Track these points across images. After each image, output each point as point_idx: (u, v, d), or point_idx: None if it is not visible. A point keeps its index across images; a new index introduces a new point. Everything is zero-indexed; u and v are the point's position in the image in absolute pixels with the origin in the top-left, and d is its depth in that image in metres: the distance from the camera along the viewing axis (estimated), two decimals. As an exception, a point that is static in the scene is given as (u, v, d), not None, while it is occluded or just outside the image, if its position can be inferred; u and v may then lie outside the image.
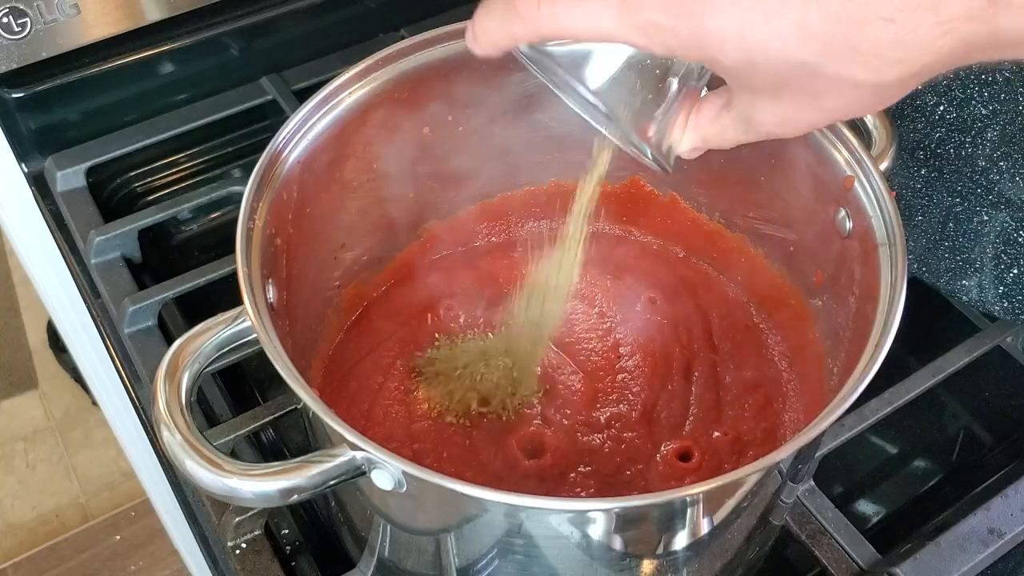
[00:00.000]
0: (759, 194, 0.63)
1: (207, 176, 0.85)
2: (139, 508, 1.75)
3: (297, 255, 0.57)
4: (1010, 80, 0.56)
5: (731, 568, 0.55)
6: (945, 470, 0.69)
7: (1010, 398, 0.71)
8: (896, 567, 0.57)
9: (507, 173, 0.69)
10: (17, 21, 0.73)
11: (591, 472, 0.58)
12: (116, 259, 0.75)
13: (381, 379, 0.62)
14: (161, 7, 0.79)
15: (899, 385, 0.64)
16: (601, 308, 0.67)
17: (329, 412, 0.44)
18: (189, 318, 0.72)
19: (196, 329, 0.49)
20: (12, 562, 1.69)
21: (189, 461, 0.44)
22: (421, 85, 0.61)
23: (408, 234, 0.68)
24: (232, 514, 0.59)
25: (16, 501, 1.78)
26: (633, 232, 0.72)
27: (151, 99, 0.84)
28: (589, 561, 0.48)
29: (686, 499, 0.45)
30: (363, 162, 0.62)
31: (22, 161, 0.81)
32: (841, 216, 0.56)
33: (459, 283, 0.68)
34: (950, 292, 0.66)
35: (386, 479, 0.44)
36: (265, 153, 0.54)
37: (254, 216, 0.52)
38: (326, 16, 0.88)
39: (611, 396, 0.62)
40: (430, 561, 0.51)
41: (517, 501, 0.42)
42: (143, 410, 0.69)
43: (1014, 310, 0.64)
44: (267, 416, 0.63)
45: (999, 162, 0.59)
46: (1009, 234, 0.61)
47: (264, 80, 0.86)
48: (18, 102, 0.78)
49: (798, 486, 0.59)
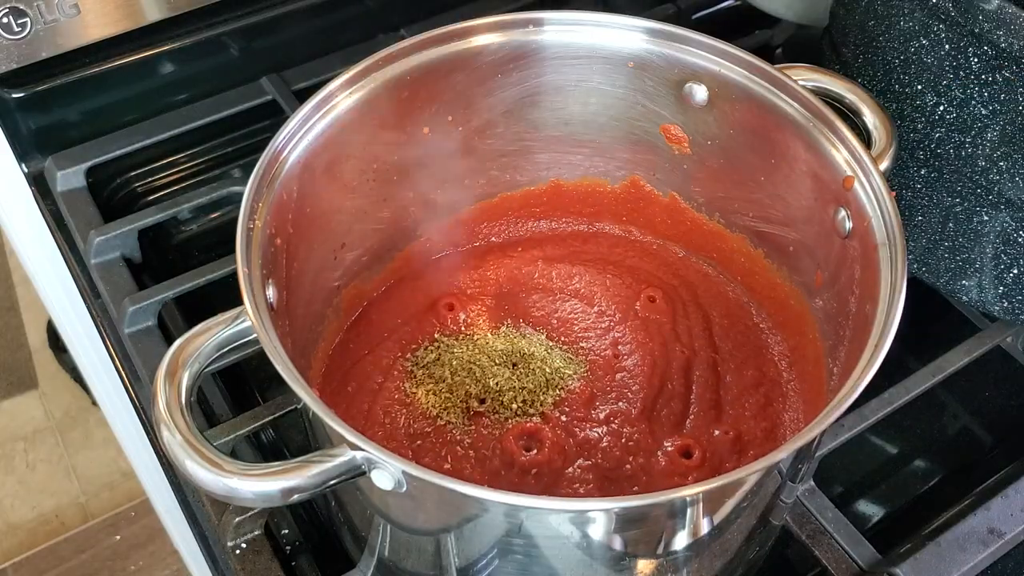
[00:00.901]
0: (759, 194, 0.63)
1: (207, 176, 0.85)
2: (139, 508, 1.75)
3: (297, 255, 0.57)
4: (1010, 80, 0.56)
5: (731, 568, 0.55)
6: (945, 470, 0.69)
7: (1010, 398, 0.71)
8: (896, 567, 0.57)
9: (507, 173, 0.69)
10: (17, 21, 0.73)
11: (590, 467, 0.58)
12: (116, 259, 0.75)
13: (381, 379, 0.62)
14: (161, 7, 0.79)
15: (899, 385, 0.64)
16: (601, 307, 0.67)
17: (329, 412, 0.44)
18: (189, 318, 0.72)
19: (196, 329, 0.49)
20: (12, 562, 1.70)
21: (189, 461, 0.44)
22: (421, 85, 0.61)
23: (408, 234, 0.68)
24: (232, 514, 0.59)
25: (16, 501, 1.78)
26: (633, 232, 0.72)
27: (151, 99, 0.84)
28: (589, 561, 0.48)
29: (686, 499, 0.45)
30: (363, 162, 0.62)
31: (22, 161, 0.81)
32: (841, 216, 0.56)
33: (459, 283, 0.68)
34: (950, 292, 0.66)
35: (386, 479, 0.44)
36: (265, 153, 0.54)
37: (254, 216, 0.52)
38: (326, 16, 0.88)
39: (610, 395, 0.62)
40: (430, 561, 0.51)
41: (517, 501, 0.42)
42: (143, 410, 0.69)
43: (1014, 310, 0.64)
44: (267, 416, 0.63)
45: (999, 162, 0.59)
46: (1009, 234, 0.61)
47: (264, 80, 0.86)
48: (18, 102, 0.78)
49: (798, 486, 0.59)
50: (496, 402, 0.61)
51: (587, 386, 0.62)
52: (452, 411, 0.61)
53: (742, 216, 0.66)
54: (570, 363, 0.63)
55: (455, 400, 0.61)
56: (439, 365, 0.63)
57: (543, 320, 0.66)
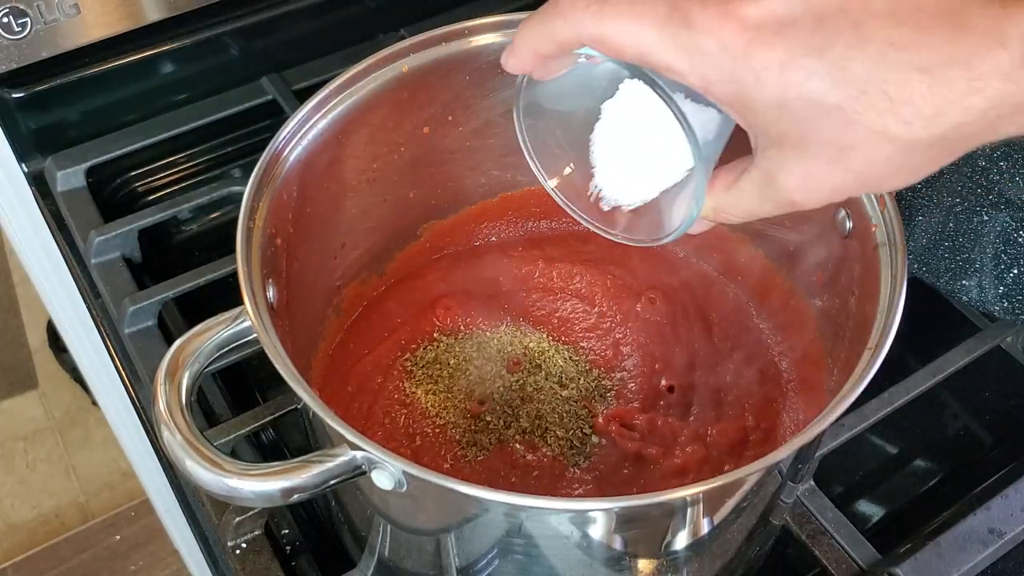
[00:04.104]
0: (759, 194, 0.63)
1: (207, 176, 0.85)
2: (139, 508, 1.75)
3: (297, 255, 0.57)
4: (1010, 80, 0.56)
5: (731, 568, 0.55)
6: (945, 470, 0.69)
7: (1010, 398, 0.71)
8: (896, 567, 0.57)
9: (507, 173, 0.69)
10: (17, 21, 0.73)
11: (590, 467, 0.58)
12: (116, 259, 0.75)
13: (381, 379, 0.62)
14: (161, 7, 0.79)
15: (899, 385, 0.64)
16: (601, 308, 0.67)
17: (329, 412, 0.44)
18: (189, 318, 0.72)
19: (196, 329, 0.49)
20: (12, 562, 1.70)
21: (189, 461, 0.44)
22: (421, 85, 0.61)
23: (408, 234, 0.68)
24: (232, 514, 0.59)
25: (16, 501, 1.78)
26: (633, 232, 0.72)
27: (151, 99, 0.84)
28: (589, 561, 0.48)
29: (686, 499, 0.45)
30: (363, 162, 0.62)
31: (22, 161, 0.81)
32: (841, 216, 0.56)
33: (459, 283, 0.68)
34: (950, 292, 0.66)
35: (386, 479, 0.44)
36: (265, 153, 0.54)
37: (254, 216, 0.52)
38: (326, 16, 0.88)
39: (611, 395, 0.62)
40: (430, 561, 0.51)
41: (517, 501, 0.42)
42: (143, 410, 0.69)
43: (1014, 310, 0.64)
44: (267, 416, 0.63)
45: (999, 162, 0.59)
46: (1009, 234, 0.61)
47: (264, 80, 0.86)
48: (18, 102, 0.78)
49: (798, 486, 0.59)
50: (496, 402, 0.61)
51: (588, 386, 0.62)
52: (452, 411, 0.61)
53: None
54: (571, 363, 0.63)
55: (455, 400, 0.61)
56: (439, 365, 0.63)
57: (543, 320, 0.66)
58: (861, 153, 0.36)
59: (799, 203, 0.39)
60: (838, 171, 0.37)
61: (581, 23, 0.38)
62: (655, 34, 0.37)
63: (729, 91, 0.37)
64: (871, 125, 0.35)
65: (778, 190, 0.39)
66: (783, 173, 0.38)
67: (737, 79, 0.36)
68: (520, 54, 0.42)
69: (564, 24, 0.39)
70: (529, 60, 0.42)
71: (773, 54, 0.35)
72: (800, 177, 0.38)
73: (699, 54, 0.36)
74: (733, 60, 0.36)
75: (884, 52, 0.34)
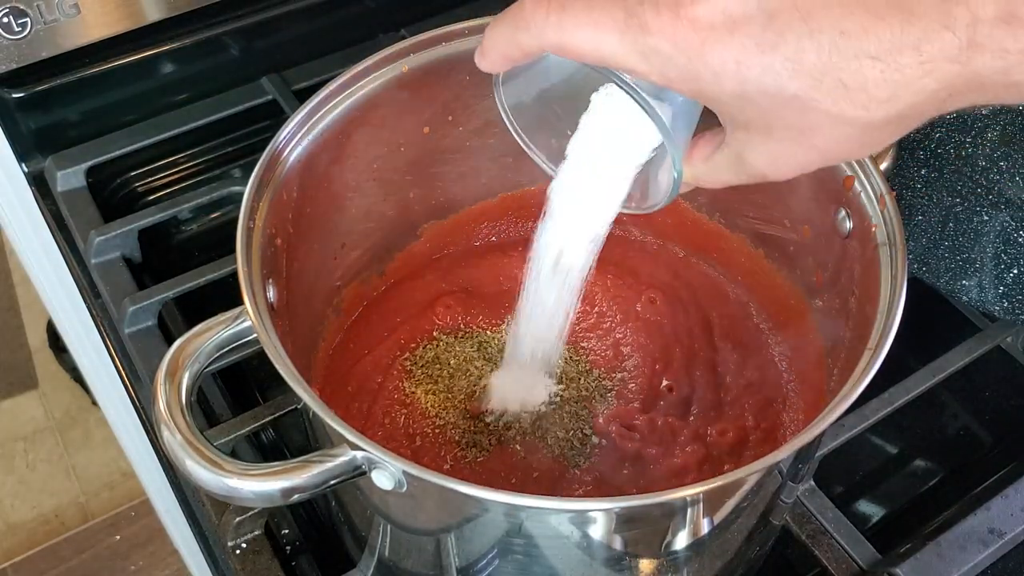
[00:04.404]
0: (759, 194, 0.63)
1: (207, 176, 0.85)
2: (139, 508, 1.75)
3: (297, 255, 0.57)
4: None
5: (731, 568, 0.55)
6: (945, 470, 0.69)
7: (1010, 398, 0.71)
8: (896, 567, 0.57)
9: (507, 173, 0.69)
10: (17, 21, 0.73)
11: (590, 468, 0.58)
12: (116, 259, 0.75)
13: (381, 379, 0.62)
14: (161, 7, 0.79)
15: (899, 385, 0.64)
16: (601, 308, 0.67)
17: (329, 412, 0.44)
18: (189, 318, 0.72)
19: (196, 329, 0.49)
20: (12, 562, 1.70)
21: (189, 461, 0.44)
22: (421, 85, 0.61)
23: (408, 234, 0.68)
24: (232, 514, 0.59)
25: (16, 501, 1.78)
26: (633, 232, 0.72)
27: (151, 99, 0.84)
28: (589, 561, 0.48)
29: (686, 499, 0.45)
30: (363, 162, 0.62)
31: (22, 161, 0.81)
32: (841, 216, 0.56)
33: (459, 283, 0.68)
34: (950, 292, 0.66)
35: (386, 479, 0.44)
36: (265, 153, 0.54)
37: (254, 216, 0.52)
38: (326, 16, 0.88)
39: (611, 395, 0.62)
40: (430, 561, 0.51)
41: (517, 501, 0.42)
42: (143, 410, 0.69)
43: (1014, 310, 0.64)
44: (267, 416, 0.63)
45: (999, 162, 0.59)
46: (1009, 234, 0.61)
47: (264, 80, 0.86)
48: (18, 102, 0.78)
49: (798, 486, 0.59)
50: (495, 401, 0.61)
51: (588, 386, 0.62)
52: (451, 411, 0.61)
53: (742, 216, 0.66)
54: (571, 363, 0.63)
55: (454, 400, 0.61)
56: (438, 365, 0.63)
57: (543, 320, 0.66)
58: (822, 134, 0.38)
59: (770, 176, 0.42)
60: (802, 150, 0.39)
61: (543, 33, 0.40)
62: (615, 40, 0.38)
63: (691, 88, 0.38)
64: (829, 110, 0.36)
65: (749, 166, 0.42)
66: (753, 154, 0.41)
67: (696, 77, 0.38)
68: (490, 56, 0.44)
69: (527, 35, 0.41)
70: (499, 62, 0.44)
71: (728, 52, 0.36)
72: (768, 157, 0.40)
73: (657, 56, 0.38)
74: (689, 60, 0.37)
75: (836, 42, 0.35)
